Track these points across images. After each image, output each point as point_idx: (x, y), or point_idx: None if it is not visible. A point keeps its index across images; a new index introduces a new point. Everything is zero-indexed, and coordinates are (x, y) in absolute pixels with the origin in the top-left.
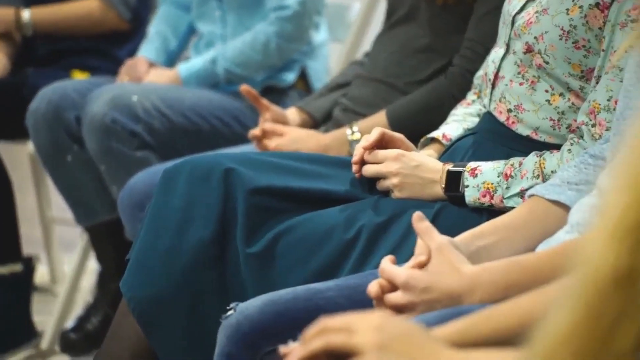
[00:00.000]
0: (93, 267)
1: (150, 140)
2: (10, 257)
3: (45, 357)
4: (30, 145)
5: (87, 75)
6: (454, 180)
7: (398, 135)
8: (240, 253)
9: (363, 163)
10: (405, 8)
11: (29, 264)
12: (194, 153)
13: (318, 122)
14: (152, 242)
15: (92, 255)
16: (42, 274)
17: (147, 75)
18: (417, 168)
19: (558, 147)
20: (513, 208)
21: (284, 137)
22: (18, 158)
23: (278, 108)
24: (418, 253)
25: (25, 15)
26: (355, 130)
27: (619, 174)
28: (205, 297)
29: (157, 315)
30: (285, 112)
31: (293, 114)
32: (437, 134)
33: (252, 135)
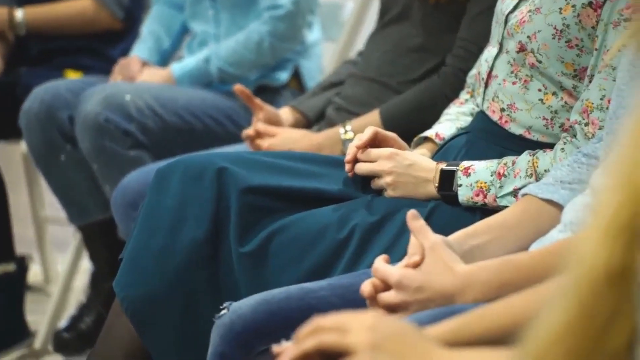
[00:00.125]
0: (86, 266)
1: (144, 140)
2: (3, 256)
3: (39, 356)
4: (23, 145)
5: (80, 75)
6: (447, 179)
7: (391, 135)
8: (234, 252)
9: (356, 162)
10: (399, 7)
11: (22, 264)
12: (187, 152)
13: (311, 121)
14: (145, 241)
15: (85, 255)
16: (35, 274)
17: (140, 75)
18: (410, 167)
19: (551, 146)
20: (506, 207)
21: (277, 136)
22: (11, 158)
23: (271, 107)
24: (411, 252)
25: (19, 15)
26: (349, 130)
27: (612, 173)
28: (199, 296)
29: (150, 315)
30: (279, 111)
31: (286, 113)
32: (430, 133)
33: (245, 136)
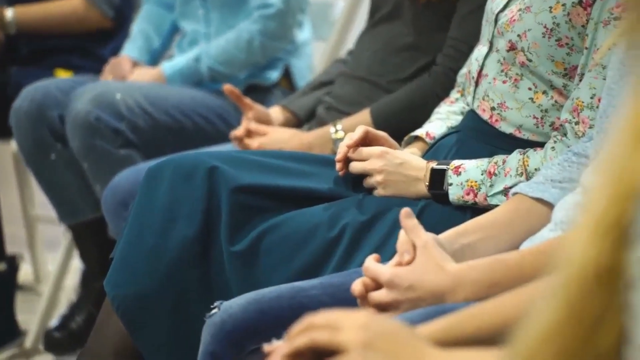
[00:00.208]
0: (77, 265)
1: (134, 138)
2: None
3: (29, 356)
4: (14, 144)
5: (70, 74)
6: (438, 178)
7: (382, 134)
8: (224, 251)
9: (347, 161)
10: (389, 6)
11: (13, 263)
12: (178, 151)
13: (301, 120)
14: (136, 240)
15: (75, 254)
16: (25, 273)
17: (131, 74)
18: (401, 166)
19: (541, 144)
20: (497, 206)
21: (267, 136)
22: (1, 157)
23: (261, 107)
24: (400, 250)
25: (9, 14)
26: (339, 129)
27: (602, 171)
28: (189, 295)
29: (141, 314)
30: (269, 110)
31: (276, 113)
32: (420, 132)
33: (233, 136)
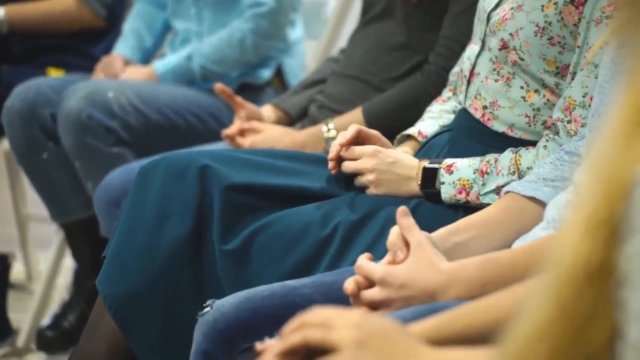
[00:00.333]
0: (69, 264)
1: (126, 137)
2: None
3: (21, 354)
4: (5, 143)
5: (62, 73)
6: (430, 177)
7: (374, 132)
8: (217, 250)
9: (340, 160)
10: (381, 5)
11: (5, 262)
12: (170, 149)
13: (294, 119)
14: (128, 239)
15: (68, 253)
16: (18, 272)
17: (123, 73)
18: (393, 164)
19: (534, 143)
20: (489, 205)
21: (259, 135)
22: None
23: (253, 106)
24: (391, 248)
25: (0, 13)
26: (331, 128)
27: (592, 169)
28: (182, 294)
29: (133, 313)
30: (261, 109)
31: (268, 111)
32: (412, 131)
33: (225, 135)
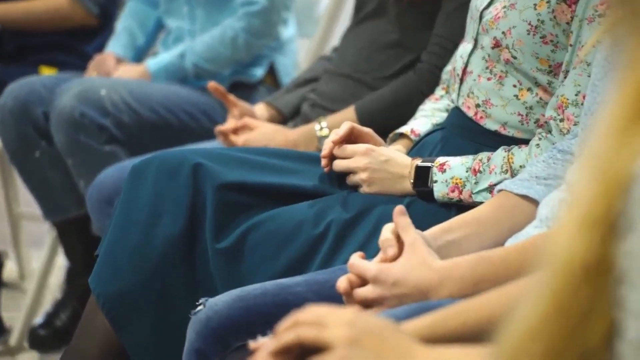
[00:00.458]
0: (61, 263)
1: (119, 135)
2: None
3: (14, 353)
4: None
5: (55, 71)
6: (423, 176)
7: (367, 130)
8: (209, 248)
9: (332, 158)
10: (374, 4)
11: None
12: (163, 148)
13: (286, 117)
14: (121, 237)
15: (60, 251)
16: (10, 270)
17: (115, 71)
18: (386, 163)
19: (526, 142)
20: (482, 203)
21: (252, 133)
22: None
23: (246, 104)
24: (383, 246)
25: None
26: (324, 126)
27: (587, 167)
28: (175, 292)
29: (126, 311)
30: (254, 107)
31: (261, 110)
32: (405, 130)
33: (218, 131)
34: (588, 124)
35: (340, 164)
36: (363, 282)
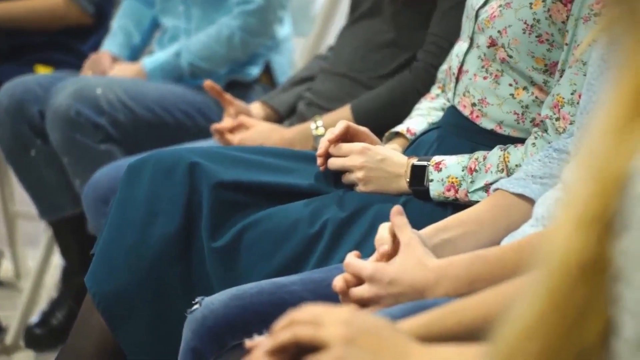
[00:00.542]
0: (57, 262)
1: (114, 133)
2: None
3: (10, 352)
4: None
5: (50, 70)
6: (419, 175)
7: (363, 129)
8: (205, 247)
9: (328, 156)
10: (369, 3)
11: None
12: (158, 146)
13: (282, 116)
14: (116, 236)
15: (56, 250)
16: (6, 269)
17: (111, 70)
18: (382, 162)
19: (522, 141)
20: (478, 202)
21: (248, 131)
22: None
23: (242, 103)
24: (379, 245)
25: None
26: (320, 125)
27: (583, 166)
28: (171, 291)
29: (122, 310)
30: (249, 106)
31: (257, 109)
32: (401, 128)
33: (214, 130)
34: (584, 123)
35: (336, 162)
36: (359, 281)
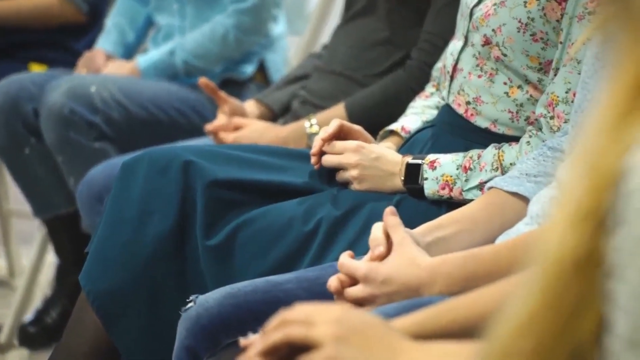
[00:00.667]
0: (51, 260)
1: (108, 131)
2: None
3: (4, 350)
4: None
5: (44, 68)
6: (413, 173)
7: (357, 127)
8: (200, 245)
9: (322, 155)
10: (364, 1)
11: None
12: (152, 144)
13: (276, 114)
14: (111, 234)
15: (50, 248)
16: (0, 267)
17: (105, 68)
18: (376, 160)
19: (517, 139)
20: (472, 200)
21: (243, 130)
22: None
23: (236, 100)
24: (373, 245)
25: None
26: (314, 123)
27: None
28: (165, 289)
29: (116, 308)
30: (244, 104)
31: (251, 107)
32: (395, 127)
33: (208, 130)
34: (578, 122)
35: (331, 160)
36: (353, 281)
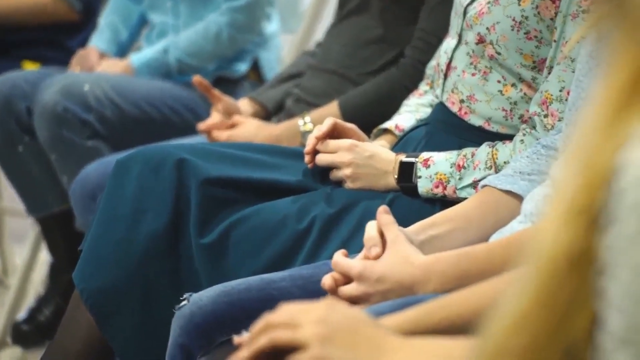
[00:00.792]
0: (45, 258)
1: (102, 130)
2: None
3: None
4: None
5: (37, 66)
6: (407, 171)
7: (350, 126)
8: (194, 243)
9: (316, 153)
10: None
11: None
12: (146, 143)
13: (270, 112)
14: (104, 233)
15: (43, 247)
16: None
17: (98, 66)
18: (370, 158)
19: (510, 137)
20: (466, 199)
21: (236, 128)
22: None
23: (230, 99)
24: (367, 244)
25: None
26: (308, 121)
27: (570, 161)
28: (159, 287)
29: (110, 306)
30: (237, 102)
31: (245, 105)
32: (389, 125)
33: (201, 128)
34: (572, 120)
35: (325, 158)
36: (347, 279)
